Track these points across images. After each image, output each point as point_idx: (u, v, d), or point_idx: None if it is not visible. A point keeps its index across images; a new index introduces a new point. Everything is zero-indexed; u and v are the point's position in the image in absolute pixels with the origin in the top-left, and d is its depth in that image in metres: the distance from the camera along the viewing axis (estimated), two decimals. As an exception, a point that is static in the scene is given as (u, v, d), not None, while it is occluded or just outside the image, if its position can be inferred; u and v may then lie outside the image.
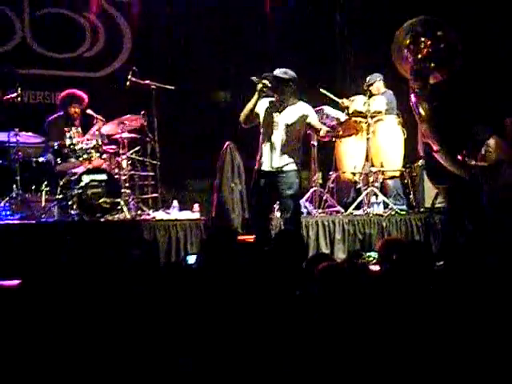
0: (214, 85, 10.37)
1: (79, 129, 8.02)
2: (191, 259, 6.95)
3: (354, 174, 8.73)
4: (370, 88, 8.83)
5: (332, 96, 8.77)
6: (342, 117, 8.75)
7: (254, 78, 6.61)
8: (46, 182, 7.63)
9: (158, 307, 2.97)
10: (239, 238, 6.85)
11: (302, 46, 10.48)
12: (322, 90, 8.72)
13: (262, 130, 6.72)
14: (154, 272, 3.41)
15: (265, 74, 6.66)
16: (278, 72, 6.66)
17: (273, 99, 6.72)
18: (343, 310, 2.87)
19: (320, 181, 8.87)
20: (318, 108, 8.67)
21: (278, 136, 6.64)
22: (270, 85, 6.57)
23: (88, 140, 7.88)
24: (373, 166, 8.57)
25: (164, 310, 2.96)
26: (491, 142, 7.00)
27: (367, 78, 8.88)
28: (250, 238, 6.92)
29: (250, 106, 6.63)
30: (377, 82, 8.92)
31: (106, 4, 10.01)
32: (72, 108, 8.08)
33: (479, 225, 6.87)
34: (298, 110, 6.72)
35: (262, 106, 6.68)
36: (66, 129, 7.81)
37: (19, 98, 7.92)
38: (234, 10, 10.31)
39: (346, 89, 10.01)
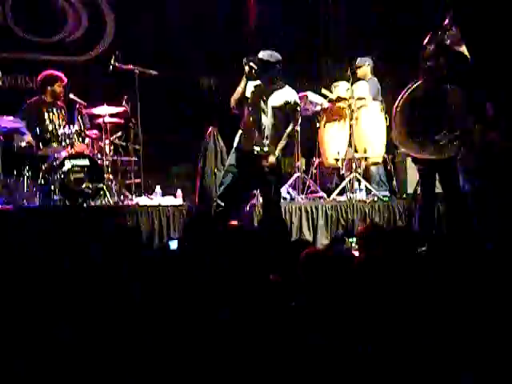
0: (198, 70, 10.33)
1: (63, 110, 7.97)
2: (173, 244, 6.94)
3: (337, 160, 8.73)
4: (358, 71, 8.83)
5: (330, 94, 8.73)
6: (325, 103, 8.76)
7: (244, 60, 6.58)
8: (27, 167, 7.57)
9: (138, 292, 2.96)
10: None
11: (287, 30, 10.46)
12: (323, 91, 8.69)
13: (248, 113, 6.69)
14: (135, 257, 3.40)
15: (251, 57, 6.63)
16: (263, 54, 6.64)
17: (259, 82, 6.70)
18: (327, 297, 2.87)
19: (303, 167, 8.88)
20: (301, 94, 8.66)
21: (266, 120, 6.64)
22: (256, 67, 6.55)
23: (70, 124, 7.83)
24: (356, 152, 8.58)
25: (145, 296, 2.96)
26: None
27: (357, 60, 8.88)
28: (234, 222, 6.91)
29: (239, 89, 6.61)
30: (365, 67, 8.93)
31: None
32: (57, 87, 8.02)
33: (456, 208, 6.90)
34: (284, 94, 6.71)
35: (249, 89, 6.66)
36: (43, 110, 7.74)
37: (0, 82, 7.84)
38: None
39: (329, 74, 10.02)
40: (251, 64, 6.55)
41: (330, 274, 2.80)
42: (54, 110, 7.89)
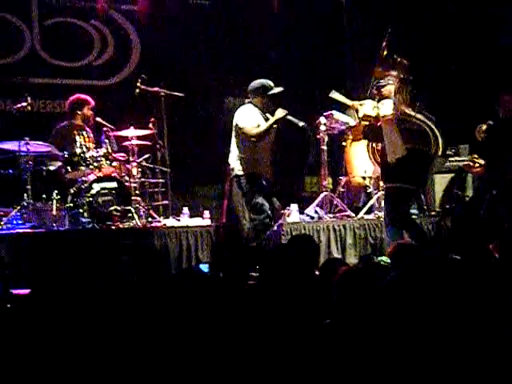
0: (224, 91, 10.39)
1: (91, 133, 8.06)
2: (204, 268, 6.93)
3: (364, 178, 8.71)
4: (382, 89, 8.79)
5: (343, 99, 8.73)
6: (352, 121, 8.75)
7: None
8: (56, 191, 7.63)
9: (165, 315, 2.96)
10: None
11: (310, 52, 10.51)
12: (333, 95, 8.69)
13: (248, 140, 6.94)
14: (162, 279, 3.41)
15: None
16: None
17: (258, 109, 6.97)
18: (363, 316, 2.85)
19: (330, 185, 8.87)
20: (327, 113, 8.69)
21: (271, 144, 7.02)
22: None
23: (98, 148, 7.90)
24: None
25: (172, 318, 2.95)
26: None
27: (381, 81, 8.84)
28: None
29: (268, 128, 6.84)
30: (389, 85, 8.87)
31: (115, 12, 10.06)
32: (87, 111, 8.13)
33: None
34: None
35: (259, 117, 6.90)
36: (74, 133, 7.82)
37: (29, 107, 7.94)
38: (242, 16, 10.35)
39: (353, 95, 10.00)
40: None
41: (366, 291, 2.78)
42: (84, 134, 7.97)
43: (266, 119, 7.02)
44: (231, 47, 10.26)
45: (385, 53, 7.24)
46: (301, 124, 6.95)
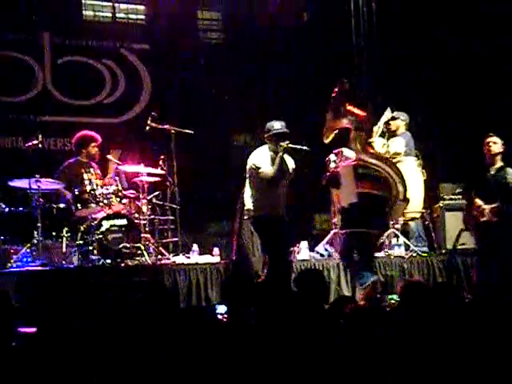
0: (233, 128, 10.44)
1: (97, 170, 8.08)
2: (220, 308, 6.87)
3: (374, 215, 8.66)
4: (391, 122, 8.79)
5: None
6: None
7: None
8: (66, 228, 7.64)
9: (175, 354, 2.94)
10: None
11: (319, 90, 10.56)
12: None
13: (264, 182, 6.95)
14: (171, 317, 3.39)
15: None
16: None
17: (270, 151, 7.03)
18: (372, 355, 2.83)
19: (340, 223, 8.82)
20: (336, 150, 8.68)
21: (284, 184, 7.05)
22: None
23: (108, 185, 7.93)
24: None
25: (182, 356, 2.93)
26: None
27: (394, 113, 8.86)
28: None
29: (279, 165, 6.90)
30: (399, 121, 8.87)
31: (125, 51, 10.17)
32: (92, 148, 8.16)
33: None
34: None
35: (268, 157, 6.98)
36: (82, 170, 7.86)
37: (40, 145, 7.98)
38: (252, 54, 10.44)
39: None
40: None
41: (375, 328, 2.76)
42: (91, 170, 7.99)
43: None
44: (241, 84, 10.32)
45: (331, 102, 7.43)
46: (304, 148, 7.00)
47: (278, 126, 7.06)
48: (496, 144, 7.38)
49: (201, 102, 10.12)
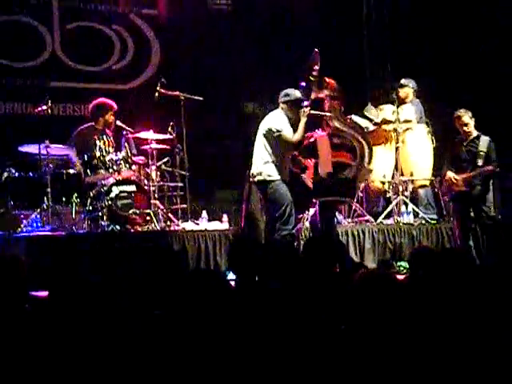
0: (242, 96, 10.39)
1: (111, 137, 8.08)
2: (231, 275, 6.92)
3: (383, 183, 8.67)
4: (400, 89, 8.76)
5: (363, 121, 8.74)
6: (371, 126, 8.72)
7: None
8: (76, 194, 7.66)
9: (183, 316, 2.96)
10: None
11: (329, 58, 10.48)
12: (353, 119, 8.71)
13: (281, 146, 6.99)
14: (180, 280, 3.41)
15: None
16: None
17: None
18: (379, 318, 2.84)
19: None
20: (346, 117, 8.65)
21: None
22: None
23: (118, 151, 7.93)
24: (402, 175, 8.51)
25: (191, 319, 2.95)
26: None
27: (402, 80, 8.83)
28: None
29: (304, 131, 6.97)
30: (408, 88, 8.84)
31: (134, 16, 10.11)
32: (109, 116, 8.14)
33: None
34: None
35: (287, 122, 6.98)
36: (95, 137, 7.86)
37: (49, 111, 7.97)
38: (261, 22, 10.36)
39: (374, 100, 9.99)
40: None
41: (385, 295, 2.76)
42: (105, 138, 7.99)
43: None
44: (250, 52, 10.26)
45: (314, 75, 7.56)
46: (325, 113, 7.03)
47: (298, 94, 7.10)
48: (468, 124, 7.43)
49: (210, 68, 10.07)
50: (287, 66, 10.08)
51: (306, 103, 7.14)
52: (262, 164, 7.08)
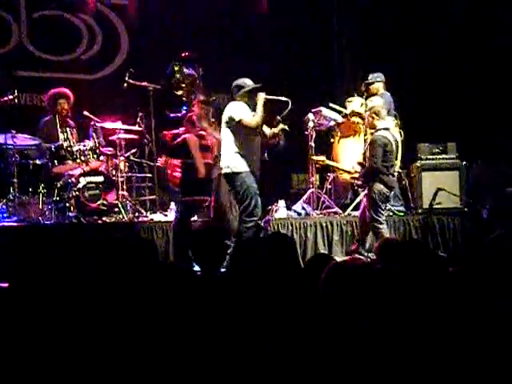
0: (211, 86, 10.35)
1: (74, 129, 8.01)
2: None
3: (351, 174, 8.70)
4: (370, 87, 8.82)
5: (333, 114, 8.77)
6: (339, 118, 8.76)
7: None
8: (43, 185, 7.60)
9: (151, 308, 2.95)
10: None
11: (299, 49, 10.51)
12: (324, 112, 8.72)
13: (245, 134, 6.95)
14: (151, 271, 3.39)
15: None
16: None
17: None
18: (351, 309, 2.85)
19: (318, 182, 8.87)
20: (315, 109, 8.69)
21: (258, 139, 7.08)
22: None
23: (83, 142, 7.88)
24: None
25: (157, 311, 2.94)
26: None
27: (369, 76, 8.87)
28: None
29: (262, 113, 6.94)
30: (377, 82, 8.90)
31: (102, 6, 10.01)
32: (59, 105, 8.05)
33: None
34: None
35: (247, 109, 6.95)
36: (59, 129, 7.79)
37: (16, 100, 7.89)
38: (231, 11, 10.35)
39: (343, 92, 10.03)
40: None
41: (355, 285, 2.78)
42: (68, 130, 7.93)
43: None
44: (219, 42, 10.24)
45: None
46: (283, 98, 7.03)
47: (249, 82, 7.08)
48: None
49: (179, 59, 10.01)
50: (257, 57, 10.10)
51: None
52: (228, 156, 7.06)
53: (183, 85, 7.66)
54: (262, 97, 6.93)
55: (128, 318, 3.04)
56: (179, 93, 7.60)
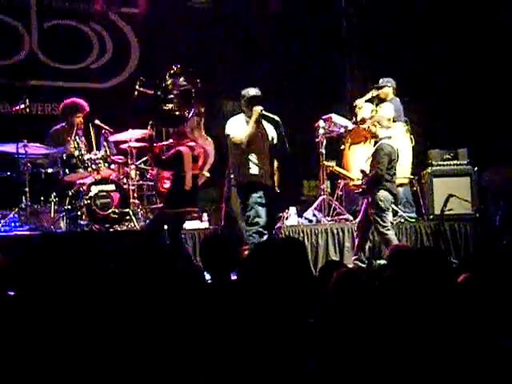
0: (222, 94, 10.37)
1: (83, 138, 8.03)
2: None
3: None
4: (379, 91, 8.81)
5: (343, 120, 8.77)
6: (350, 125, 8.75)
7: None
8: (54, 193, 7.62)
9: (160, 314, 2.95)
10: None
11: (309, 55, 10.51)
12: (334, 118, 8.71)
13: (247, 145, 6.99)
14: (161, 278, 3.40)
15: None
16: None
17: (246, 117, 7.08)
18: (360, 316, 2.85)
19: (328, 189, 8.86)
20: (325, 116, 8.69)
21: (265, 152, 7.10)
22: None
23: (96, 150, 7.90)
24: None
25: (167, 317, 2.95)
26: None
27: (380, 81, 8.86)
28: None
29: (252, 128, 6.93)
30: (387, 88, 8.90)
31: (113, 15, 10.06)
32: (76, 118, 8.07)
33: None
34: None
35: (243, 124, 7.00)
36: (68, 138, 7.82)
37: (27, 110, 7.92)
38: (241, 20, 10.36)
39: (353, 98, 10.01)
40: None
41: (362, 292, 2.78)
42: (77, 138, 7.95)
43: None
44: (229, 51, 10.25)
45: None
46: (275, 117, 7.04)
47: (252, 92, 7.09)
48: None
49: (189, 67, 10.03)
50: (268, 65, 10.11)
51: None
52: (233, 167, 7.13)
53: (172, 96, 7.61)
54: (255, 111, 6.96)
55: (137, 324, 3.05)
56: (169, 106, 7.55)
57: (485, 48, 9.82)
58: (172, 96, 7.60)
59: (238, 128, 7.02)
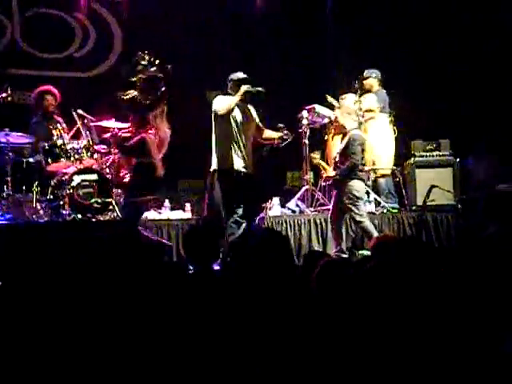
0: (207, 85, 10.34)
1: (63, 124, 7.98)
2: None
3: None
4: (364, 82, 8.81)
5: (326, 111, 8.76)
6: (333, 115, 8.75)
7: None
8: (36, 183, 7.58)
9: (143, 306, 2.95)
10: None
11: (293, 46, 10.50)
12: (317, 109, 8.69)
13: (225, 128, 6.98)
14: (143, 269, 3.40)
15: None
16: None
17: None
18: (344, 306, 2.86)
19: (312, 180, 8.87)
20: (309, 107, 8.69)
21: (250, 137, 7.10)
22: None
23: (76, 137, 7.86)
24: (364, 164, 8.56)
25: (149, 308, 2.94)
26: None
27: (364, 72, 8.87)
28: None
29: (235, 101, 6.93)
30: (371, 79, 8.91)
31: (96, 4, 9.99)
32: (45, 101, 8.05)
33: None
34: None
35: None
36: (50, 127, 7.77)
37: (9, 98, 7.86)
38: (226, 9, 10.33)
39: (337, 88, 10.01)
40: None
41: (348, 282, 2.79)
42: (58, 126, 7.91)
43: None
44: (213, 40, 10.22)
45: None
46: (260, 89, 7.02)
47: (241, 74, 7.08)
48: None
49: (173, 56, 9.98)
50: (251, 54, 10.08)
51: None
52: (214, 153, 7.10)
53: (138, 78, 7.46)
54: (242, 88, 6.95)
55: (121, 316, 3.04)
56: (132, 94, 7.40)
57: (467, 40, 9.86)
58: (137, 81, 7.49)
59: (223, 101, 6.99)
